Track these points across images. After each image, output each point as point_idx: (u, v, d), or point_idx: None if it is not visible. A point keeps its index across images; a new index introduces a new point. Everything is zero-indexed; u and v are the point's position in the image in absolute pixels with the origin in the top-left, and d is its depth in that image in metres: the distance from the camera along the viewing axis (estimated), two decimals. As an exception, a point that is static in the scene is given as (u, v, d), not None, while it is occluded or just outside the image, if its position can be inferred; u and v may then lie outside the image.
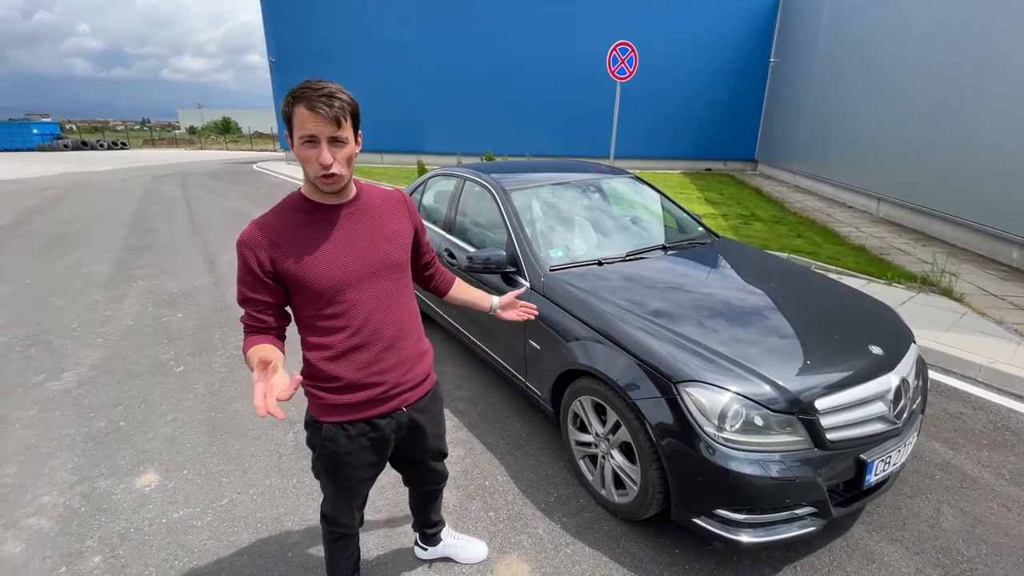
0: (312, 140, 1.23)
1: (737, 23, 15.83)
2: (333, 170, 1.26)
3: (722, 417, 1.87)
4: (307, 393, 1.47)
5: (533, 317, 1.85)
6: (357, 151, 1.33)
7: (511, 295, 1.84)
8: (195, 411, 3.18)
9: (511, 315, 1.83)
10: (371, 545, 2.18)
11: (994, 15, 6.55)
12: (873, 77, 9.42)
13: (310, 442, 1.52)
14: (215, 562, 2.10)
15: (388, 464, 1.70)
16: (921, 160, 7.85)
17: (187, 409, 3.21)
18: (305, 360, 1.45)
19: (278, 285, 1.34)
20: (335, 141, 1.25)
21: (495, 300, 1.82)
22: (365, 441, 1.49)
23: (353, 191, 1.42)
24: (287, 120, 1.25)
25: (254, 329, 1.35)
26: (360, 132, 1.34)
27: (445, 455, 1.84)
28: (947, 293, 4.92)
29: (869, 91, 9.52)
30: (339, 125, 1.23)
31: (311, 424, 1.50)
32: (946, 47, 7.43)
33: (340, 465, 1.51)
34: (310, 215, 1.35)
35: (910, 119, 8.22)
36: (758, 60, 15.93)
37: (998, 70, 6.40)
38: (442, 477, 1.88)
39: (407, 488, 1.93)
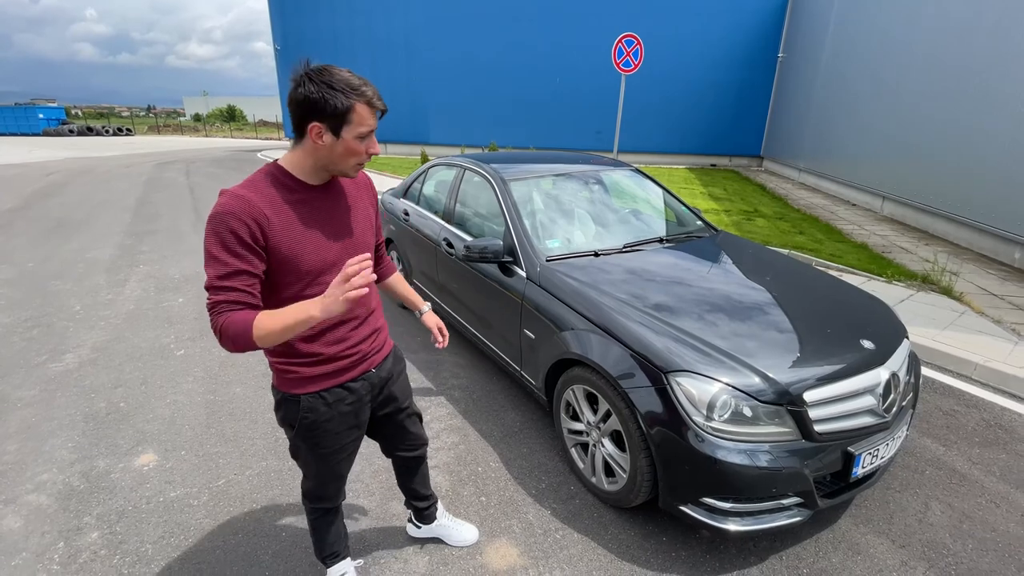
0: (367, 134, 1.31)
1: (746, 17, 15.68)
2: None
3: (711, 407, 1.89)
4: (278, 370, 1.47)
5: (441, 347, 1.96)
6: None
7: (436, 328, 1.92)
8: (194, 394, 3.22)
9: (431, 326, 1.92)
10: (364, 525, 2.21)
11: (1003, 13, 6.48)
12: (881, 75, 9.34)
13: (286, 419, 1.51)
14: (210, 539, 2.14)
15: (374, 440, 1.76)
16: (927, 159, 7.81)
17: (186, 392, 3.24)
18: (281, 344, 1.39)
19: (264, 259, 1.29)
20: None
21: (427, 307, 1.92)
22: (344, 407, 1.53)
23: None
24: (341, 114, 1.24)
25: (244, 305, 1.22)
26: None
27: (420, 416, 1.89)
28: (947, 292, 4.91)
29: (877, 88, 9.45)
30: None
31: (285, 400, 1.49)
32: (955, 46, 7.36)
33: (322, 433, 1.52)
34: (295, 193, 1.33)
35: (917, 117, 8.16)
36: (766, 55, 15.79)
37: (1007, 70, 6.34)
38: (421, 440, 1.90)
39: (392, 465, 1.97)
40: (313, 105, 1.23)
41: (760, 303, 2.43)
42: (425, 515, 2.08)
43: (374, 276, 1.16)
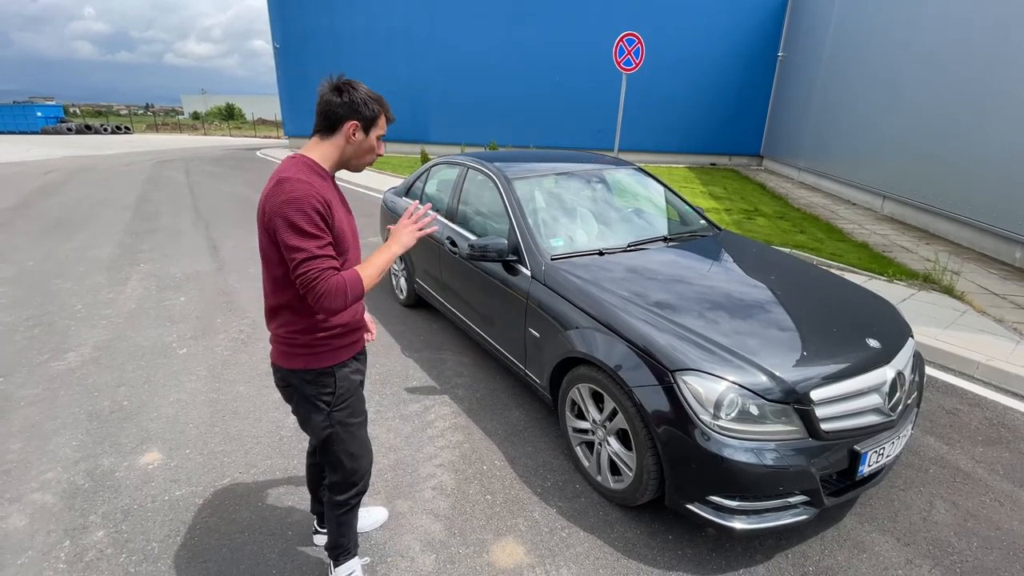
0: (381, 137, 1.59)
1: (746, 16, 15.68)
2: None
3: (718, 405, 1.89)
4: (310, 349, 1.58)
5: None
6: None
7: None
8: (198, 392, 3.22)
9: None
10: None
11: (1004, 12, 6.49)
12: (881, 74, 9.35)
13: (320, 395, 1.61)
14: (217, 538, 2.14)
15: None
16: (928, 158, 7.81)
17: (190, 390, 3.24)
18: (309, 323, 1.56)
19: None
20: None
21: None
22: (359, 376, 1.74)
23: None
24: (373, 117, 1.53)
25: (337, 270, 1.44)
26: None
27: None
28: (948, 291, 4.92)
29: (877, 87, 9.46)
30: None
31: (320, 375, 1.60)
32: (955, 45, 7.37)
33: (355, 400, 1.69)
34: (327, 182, 1.53)
35: (918, 116, 8.17)
36: (766, 54, 15.80)
37: (1008, 69, 6.35)
38: None
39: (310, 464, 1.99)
40: (355, 107, 1.49)
41: (766, 302, 2.43)
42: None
43: (434, 215, 1.41)
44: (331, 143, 1.53)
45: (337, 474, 1.73)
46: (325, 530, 2.00)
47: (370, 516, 2.21)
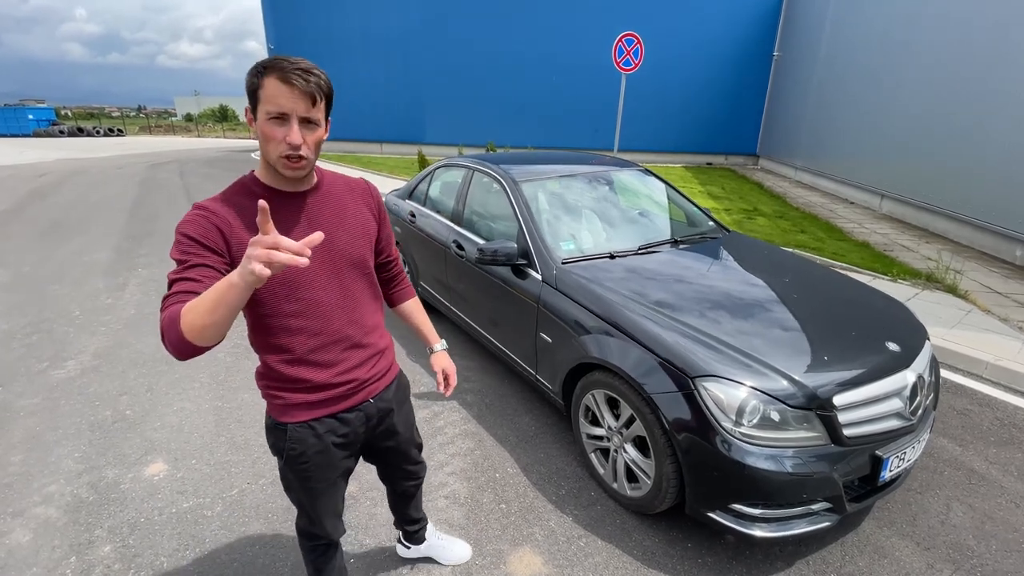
0: (281, 117, 1.11)
1: (741, 15, 15.70)
2: (301, 152, 1.14)
3: (739, 412, 1.86)
4: (266, 395, 1.37)
5: (445, 394, 1.73)
6: (325, 137, 1.23)
7: (441, 372, 1.72)
8: (201, 400, 3.16)
9: (437, 370, 1.73)
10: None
11: (1004, 11, 6.51)
12: (879, 71, 9.37)
13: (275, 448, 1.39)
14: (227, 552, 2.10)
15: (369, 463, 1.67)
16: (926, 156, 7.84)
17: (193, 398, 3.19)
18: (263, 363, 1.34)
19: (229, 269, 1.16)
20: (306, 122, 1.14)
21: (440, 346, 1.75)
22: (335, 438, 1.39)
23: (315, 179, 1.31)
24: (252, 93, 1.13)
25: (194, 295, 1.04)
26: (330, 118, 1.23)
27: (420, 446, 1.77)
28: (952, 290, 4.92)
29: (874, 86, 9.48)
30: (314, 103, 1.13)
31: (273, 428, 1.37)
32: (955, 42, 7.39)
33: (312, 467, 1.39)
34: (251, 200, 1.21)
35: (915, 115, 8.19)
36: (761, 53, 15.82)
37: (1008, 67, 6.37)
38: (419, 471, 1.80)
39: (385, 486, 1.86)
40: (246, 88, 1.14)
41: (782, 306, 2.40)
42: (415, 537, 2.01)
43: (304, 261, 0.91)
44: None
45: (299, 517, 1.56)
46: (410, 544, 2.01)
47: (451, 550, 2.05)
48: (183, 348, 1.01)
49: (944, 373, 3.63)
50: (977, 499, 2.46)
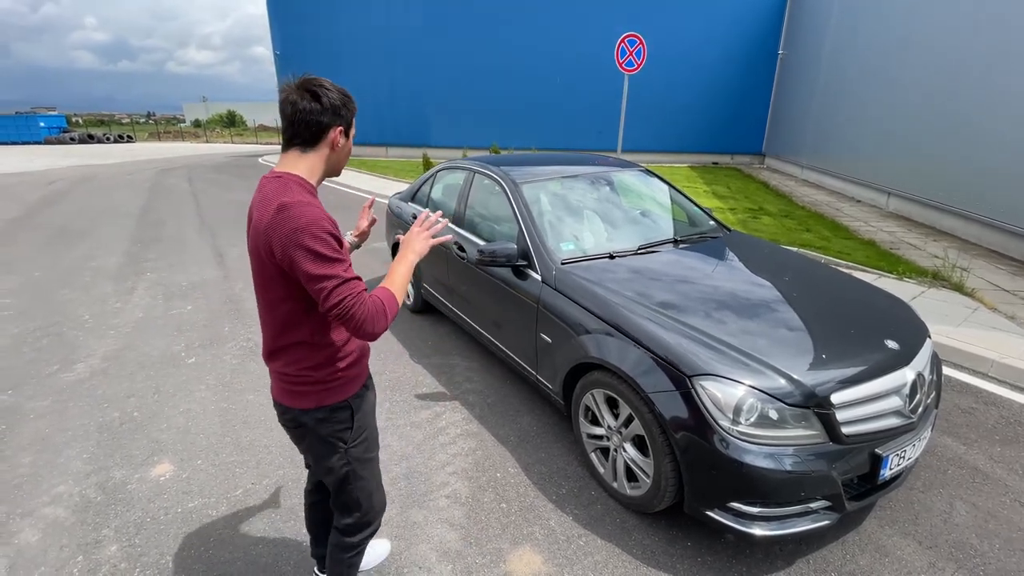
0: None
1: (745, 14, 15.66)
2: None
3: (737, 411, 1.87)
4: (324, 382, 1.45)
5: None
6: None
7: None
8: (208, 402, 3.20)
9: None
10: (384, 534, 2.19)
11: (1009, 7, 6.46)
12: (884, 69, 9.31)
13: (336, 433, 1.48)
14: (231, 551, 2.12)
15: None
16: (932, 154, 7.77)
17: (200, 400, 3.23)
18: (325, 355, 1.44)
19: None
20: None
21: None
22: (373, 399, 1.65)
23: None
24: (349, 122, 1.41)
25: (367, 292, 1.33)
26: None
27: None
28: (958, 288, 4.88)
29: (880, 84, 9.42)
30: None
31: (335, 410, 1.48)
32: (959, 40, 7.33)
33: (370, 432, 1.60)
34: (316, 198, 1.40)
35: (921, 112, 8.13)
36: (766, 52, 15.77)
37: (1012, 63, 6.32)
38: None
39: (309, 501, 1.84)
40: (336, 111, 1.35)
41: (781, 305, 2.40)
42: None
43: (445, 222, 1.57)
44: (315, 155, 1.37)
45: (351, 515, 1.61)
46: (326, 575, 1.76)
47: (372, 551, 2.03)
48: (391, 321, 1.35)
49: (949, 371, 3.60)
50: (981, 498, 2.44)
